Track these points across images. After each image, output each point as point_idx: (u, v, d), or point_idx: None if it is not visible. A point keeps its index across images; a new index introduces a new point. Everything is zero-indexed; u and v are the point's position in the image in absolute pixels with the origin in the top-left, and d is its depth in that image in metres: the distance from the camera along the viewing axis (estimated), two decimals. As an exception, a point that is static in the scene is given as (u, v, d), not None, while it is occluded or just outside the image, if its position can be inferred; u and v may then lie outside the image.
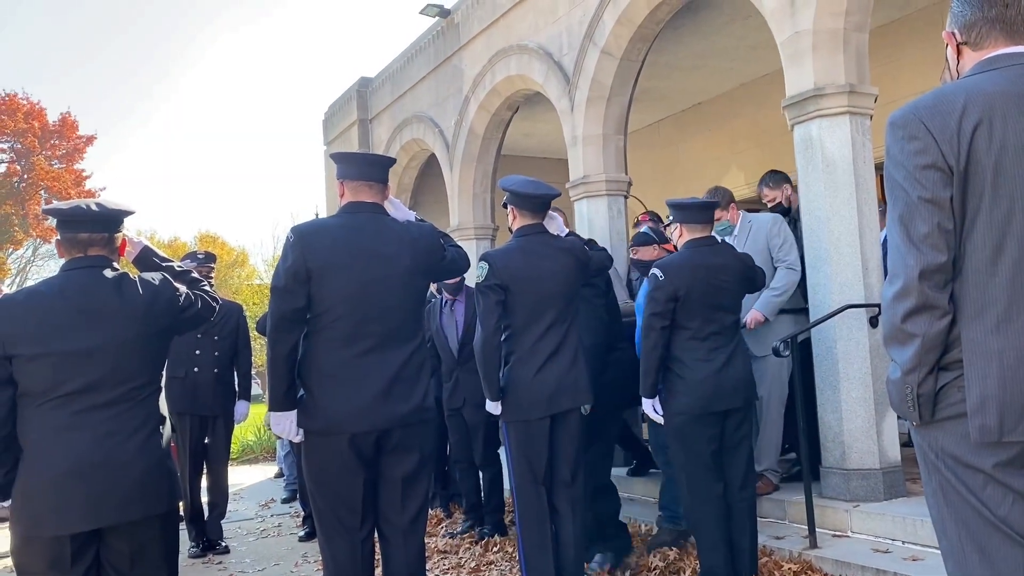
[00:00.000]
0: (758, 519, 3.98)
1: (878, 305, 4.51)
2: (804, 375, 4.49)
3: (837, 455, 4.55)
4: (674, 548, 4.35)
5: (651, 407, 3.83)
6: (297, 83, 61.58)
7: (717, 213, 4.92)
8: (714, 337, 3.76)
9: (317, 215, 16.18)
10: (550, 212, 3.82)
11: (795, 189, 5.37)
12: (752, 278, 4.00)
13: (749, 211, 5.19)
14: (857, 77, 4.70)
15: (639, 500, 5.65)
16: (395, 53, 10.39)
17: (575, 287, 3.75)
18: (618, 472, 5.32)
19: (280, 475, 8.39)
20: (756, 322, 4.69)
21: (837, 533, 4.33)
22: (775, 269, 4.77)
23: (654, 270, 3.79)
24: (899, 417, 3.11)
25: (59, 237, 2.68)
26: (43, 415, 2.51)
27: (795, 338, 4.31)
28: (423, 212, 3.50)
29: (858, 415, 4.49)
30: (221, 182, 57.14)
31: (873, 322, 4.50)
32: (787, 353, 4.26)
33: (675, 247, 4.12)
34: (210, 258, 5.64)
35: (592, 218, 6.58)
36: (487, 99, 8.23)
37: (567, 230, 3.87)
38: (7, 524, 2.57)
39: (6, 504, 2.55)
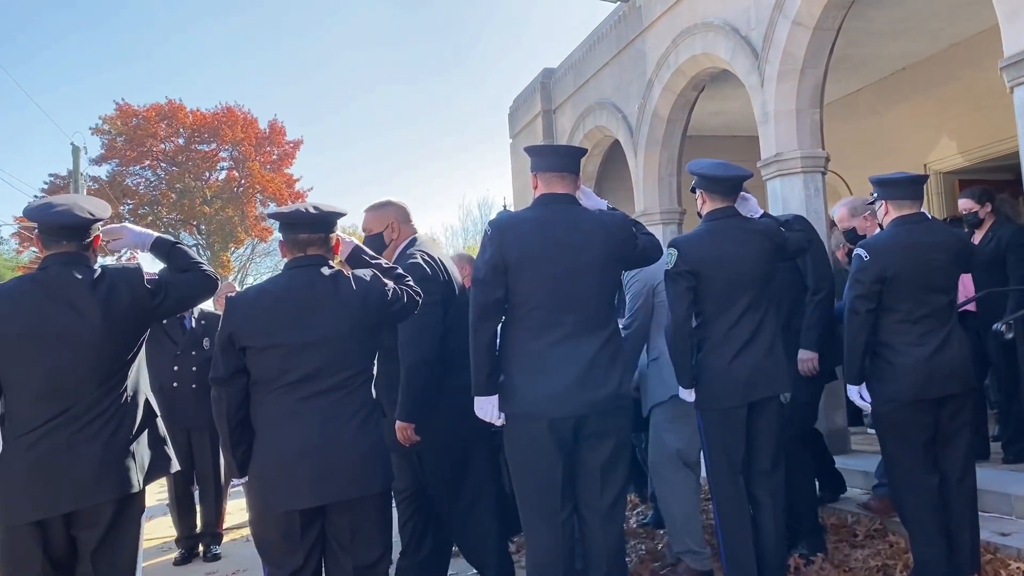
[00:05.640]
0: (980, 513, 3.69)
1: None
2: (1007, 360, 4.14)
3: (1073, 447, 4.13)
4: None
5: (857, 394, 3.64)
6: (485, 77, 63.46)
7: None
8: (926, 320, 3.52)
9: (505, 207, 16.62)
10: (742, 194, 3.71)
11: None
12: (968, 256, 3.70)
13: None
14: (1091, 28, 4.21)
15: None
16: (577, 42, 10.45)
17: (771, 271, 3.63)
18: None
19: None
20: None
21: (1075, 532, 3.94)
22: None
23: (858, 250, 3.60)
24: None
25: (282, 239, 2.94)
26: (271, 401, 2.76)
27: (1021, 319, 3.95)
28: (607, 199, 3.51)
29: (1099, 403, 4.06)
30: (413, 175, 59.87)
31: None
32: (1010, 336, 3.92)
33: (881, 225, 3.88)
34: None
35: (787, 197, 6.31)
36: (671, 80, 8.09)
37: (761, 211, 3.75)
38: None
39: (243, 480, 2.84)
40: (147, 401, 2.90)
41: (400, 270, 3.10)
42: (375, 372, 3.03)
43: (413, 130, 62.29)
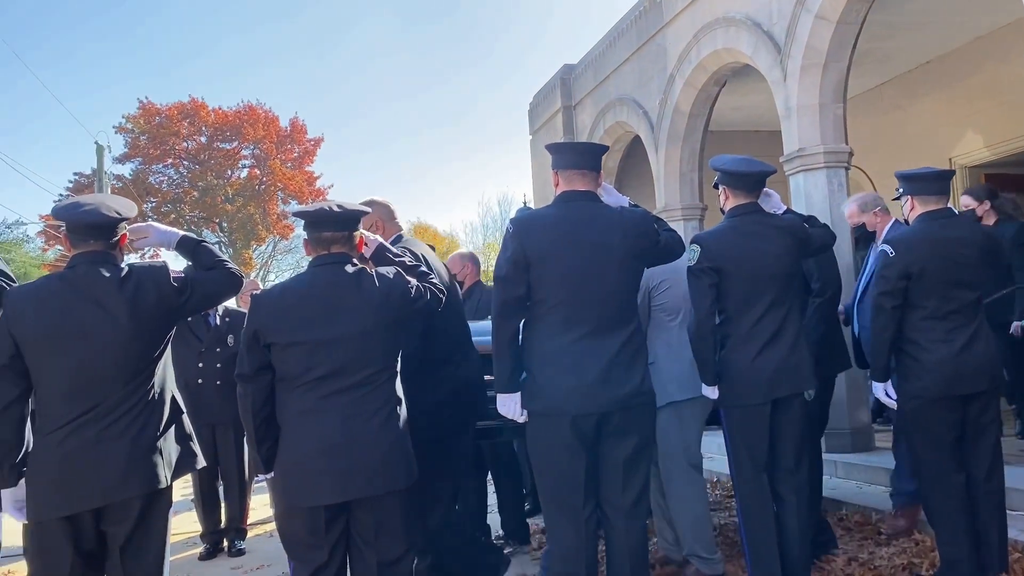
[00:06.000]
0: (1007, 512, 3.65)
1: None
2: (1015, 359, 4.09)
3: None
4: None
5: (883, 391, 3.62)
6: (505, 74, 63.49)
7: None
8: (953, 316, 3.49)
9: (525, 204, 16.61)
10: (765, 190, 3.69)
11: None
12: (995, 251, 3.66)
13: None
14: (1122, 19, 4.15)
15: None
16: (597, 38, 10.42)
17: (794, 267, 3.61)
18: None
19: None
20: None
21: (1105, 531, 3.89)
22: None
23: (883, 246, 3.57)
24: None
25: (306, 237, 2.95)
26: (295, 398, 2.78)
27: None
28: (628, 195, 3.49)
29: None
30: (433, 173, 60.04)
31: None
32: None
33: (907, 221, 3.84)
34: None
35: (810, 193, 6.27)
36: (693, 75, 8.05)
37: (784, 207, 3.72)
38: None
39: (268, 476, 2.86)
40: (173, 398, 2.93)
41: (424, 267, 3.11)
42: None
43: (433, 128, 62.47)
